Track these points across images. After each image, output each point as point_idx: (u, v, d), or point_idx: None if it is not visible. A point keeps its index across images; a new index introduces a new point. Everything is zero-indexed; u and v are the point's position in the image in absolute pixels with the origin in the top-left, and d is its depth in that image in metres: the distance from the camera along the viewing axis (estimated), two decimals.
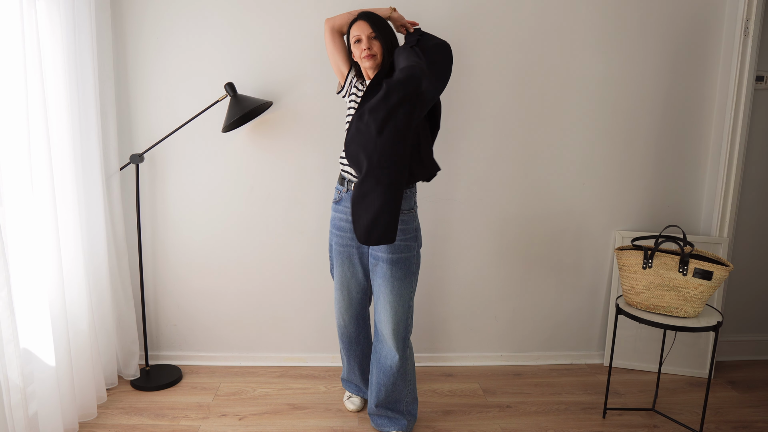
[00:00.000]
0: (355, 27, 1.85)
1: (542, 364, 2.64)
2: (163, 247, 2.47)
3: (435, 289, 2.55)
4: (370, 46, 1.81)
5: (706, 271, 1.90)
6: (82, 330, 2.04)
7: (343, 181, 1.94)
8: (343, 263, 2.00)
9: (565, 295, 2.62)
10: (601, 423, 2.13)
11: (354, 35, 1.85)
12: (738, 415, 2.21)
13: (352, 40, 1.86)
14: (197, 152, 2.40)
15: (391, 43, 1.85)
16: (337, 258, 2.01)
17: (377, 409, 2.01)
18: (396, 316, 1.88)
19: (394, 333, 1.89)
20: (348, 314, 2.08)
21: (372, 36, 1.82)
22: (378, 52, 1.82)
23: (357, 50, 1.85)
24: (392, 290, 1.86)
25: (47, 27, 1.86)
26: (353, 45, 1.86)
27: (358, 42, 1.83)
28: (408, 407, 1.99)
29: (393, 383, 1.94)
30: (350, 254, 1.98)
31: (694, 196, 2.56)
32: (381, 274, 1.87)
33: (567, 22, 2.37)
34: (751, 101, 2.39)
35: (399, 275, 1.86)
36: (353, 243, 1.95)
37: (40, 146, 1.78)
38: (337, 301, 2.08)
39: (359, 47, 1.83)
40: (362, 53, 1.82)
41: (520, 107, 2.43)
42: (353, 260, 1.98)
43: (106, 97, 2.22)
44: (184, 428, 2.04)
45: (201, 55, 2.32)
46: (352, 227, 1.81)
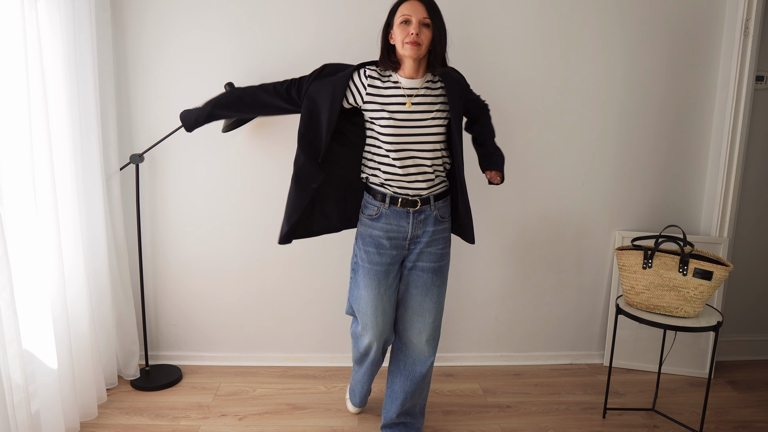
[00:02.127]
0: (407, 5, 1.58)
1: (542, 364, 2.64)
2: (163, 247, 2.47)
3: None
4: (418, 32, 1.56)
5: (706, 271, 1.90)
6: (83, 330, 2.04)
7: (379, 196, 1.76)
8: (379, 284, 1.77)
9: (565, 295, 2.62)
10: (601, 423, 2.13)
11: (403, 14, 1.58)
12: (738, 415, 2.21)
13: (398, 20, 1.59)
14: (197, 152, 2.40)
15: (444, 36, 1.63)
16: (373, 278, 1.77)
17: (397, 417, 1.92)
18: (435, 323, 1.82)
19: (431, 340, 1.83)
20: (382, 339, 1.85)
21: (425, 22, 1.57)
22: (425, 42, 1.58)
23: (401, 33, 1.57)
24: (432, 299, 1.79)
25: (47, 27, 1.86)
26: (397, 25, 1.59)
27: (406, 23, 1.57)
28: (422, 408, 1.97)
29: (420, 389, 1.89)
30: (388, 272, 1.78)
31: (694, 196, 2.56)
32: (422, 284, 1.78)
33: (567, 22, 2.37)
34: (751, 101, 2.39)
35: (439, 283, 1.80)
36: (397, 259, 1.79)
37: (41, 146, 1.78)
38: (368, 327, 1.82)
39: (405, 30, 1.57)
40: (407, 38, 1.56)
41: (521, 107, 2.43)
42: (390, 277, 1.79)
43: (106, 97, 2.22)
44: (184, 428, 2.04)
45: (201, 54, 2.32)
46: (397, 243, 1.76)
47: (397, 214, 1.75)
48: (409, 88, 1.67)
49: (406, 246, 1.79)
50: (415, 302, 1.81)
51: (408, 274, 1.81)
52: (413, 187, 1.73)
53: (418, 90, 1.68)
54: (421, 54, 1.60)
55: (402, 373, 1.89)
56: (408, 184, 1.73)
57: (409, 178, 1.72)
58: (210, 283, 2.50)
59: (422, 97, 1.68)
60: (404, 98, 1.67)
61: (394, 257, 1.78)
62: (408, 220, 1.75)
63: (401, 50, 1.60)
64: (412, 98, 1.67)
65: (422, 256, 1.78)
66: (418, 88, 1.68)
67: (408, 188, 1.73)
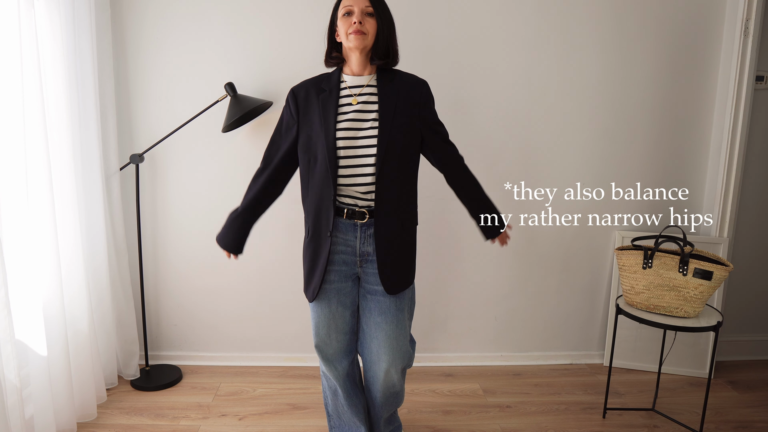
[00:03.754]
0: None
1: (542, 364, 2.64)
2: (163, 246, 2.47)
3: (435, 289, 2.55)
4: (361, 21, 1.47)
5: (706, 271, 1.90)
6: (82, 330, 2.04)
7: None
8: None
9: (565, 295, 2.62)
10: (601, 423, 2.13)
11: (345, 5, 1.50)
12: (738, 415, 2.21)
13: (341, 12, 1.51)
14: (197, 152, 2.40)
15: (389, 22, 1.54)
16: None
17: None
18: (403, 350, 1.66)
19: (399, 371, 1.69)
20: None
21: (368, 11, 1.49)
22: (371, 32, 1.50)
23: (344, 25, 1.50)
24: (398, 325, 1.63)
25: (47, 27, 1.86)
26: (340, 18, 1.51)
27: (348, 15, 1.49)
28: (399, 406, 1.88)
29: (394, 405, 1.81)
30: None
31: (694, 196, 2.56)
32: (378, 309, 1.62)
33: (567, 23, 2.37)
34: (751, 101, 2.39)
35: (402, 305, 1.64)
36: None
37: (39, 146, 1.78)
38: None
39: (348, 21, 1.49)
40: (350, 28, 1.48)
41: (521, 107, 2.43)
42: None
43: (106, 97, 2.22)
44: (184, 428, 2.04)
45: (201, 55, 2.32)
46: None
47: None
48: (354, 86, 1.56)
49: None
50: (376, 330, 1.70)
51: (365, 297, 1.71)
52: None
53: (362, 88, 1.55)
54: (367, 44, 1.50)
55: (374, 404, 1.81)
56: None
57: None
58: (210, 282, 2.50)
59: (368, 96, 1.55)
60: (350, 98, 1.56)
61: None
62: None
63: (347, 43, 1.51)
64: (356, 97, 1.55)
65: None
66: (363, 85, 1.56)
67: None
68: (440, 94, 2.39)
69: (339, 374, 1.73)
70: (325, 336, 1.67)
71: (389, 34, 1.54)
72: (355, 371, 1.81)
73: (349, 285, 1.64)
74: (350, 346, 1.73)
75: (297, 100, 1.59)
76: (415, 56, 2.31)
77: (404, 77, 1.59)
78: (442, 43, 2.36)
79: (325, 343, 1.68)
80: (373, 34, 1.51)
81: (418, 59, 2.33)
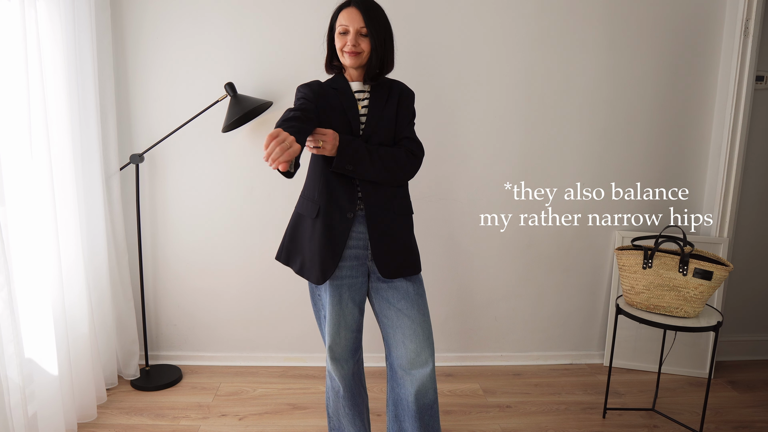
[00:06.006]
0: (344, 14, 1.52)
1: (542, 364, 2.64)
2: (163, 247, 2.47)
3: (435, 289, 2.55)
4: (356, 43, 1.50)
5: (706, 271, 1.90)
6: (82, 330, 2.04)
7: None
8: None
9: (565, 295, 2.62)
10: (601, 423, 2.13)
11: (341, 24, 1.51)
12: (738, 415, 2.21)
13: (338, 29, 1.53)
14: (197, 152, 2.40)
15: (384, 40, 1.54)
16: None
17: None
18: (430, 338, 1.61)
19: (431, 366, 1.60)
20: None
21: (362, 32, 1.50)
22: (365, 50, 1.52)
23: (339, 42, 1.52)
24: (420, 310, 1.60)
25: (47, 27, 1.86)
26: (337, 34, 1.54)
27: (344, 34, 1.52)
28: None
29: (436, 420, 1.62)
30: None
31: (694, 196, 2.56)
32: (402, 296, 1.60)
33: (567, 23, 2.37)
34: (751, 101, 2.39)
35: (422, 291, 1.63)
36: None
37: (41, 146, 1.79)
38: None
39: (343, 40, 1.52)
40: (345, 47, 1.51)
41: (521, 107, 2.43)
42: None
43: (106, 97, 2.22)
44: (184, 428, 2.04)
45: (201, 55, 2.32)
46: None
47: None
48: (357, 91, 1.59)
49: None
50: (401, 319, 1.66)
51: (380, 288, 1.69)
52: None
53: (362, 93, 1.59)
54: (362, 62, 1.53)
55: (409, 414, 1.67)
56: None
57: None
58: (210, 282, 2.50)
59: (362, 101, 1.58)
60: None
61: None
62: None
63: (342, 59, 1.54)
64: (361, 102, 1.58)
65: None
66: (363, 91, 1.59)
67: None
68: (440, 94, 2.39)
69: (345, 373, 1.72)
70: (335, 334, 1.66)
71: (384, 52, 1.55)
72: (360, 370, 1.80)
73: (360, 281, 1.63)
74: (357, 344, 1.72)
75: (311, 88, 1.58)
76: (414, 56, 2.32)
77: (394, 86, 1.62)
78: (442, 43, 2.36)
79: (335, 342, 1.67)
80: (368, 53, 1.53)
81: (418, 59, 2.33)
